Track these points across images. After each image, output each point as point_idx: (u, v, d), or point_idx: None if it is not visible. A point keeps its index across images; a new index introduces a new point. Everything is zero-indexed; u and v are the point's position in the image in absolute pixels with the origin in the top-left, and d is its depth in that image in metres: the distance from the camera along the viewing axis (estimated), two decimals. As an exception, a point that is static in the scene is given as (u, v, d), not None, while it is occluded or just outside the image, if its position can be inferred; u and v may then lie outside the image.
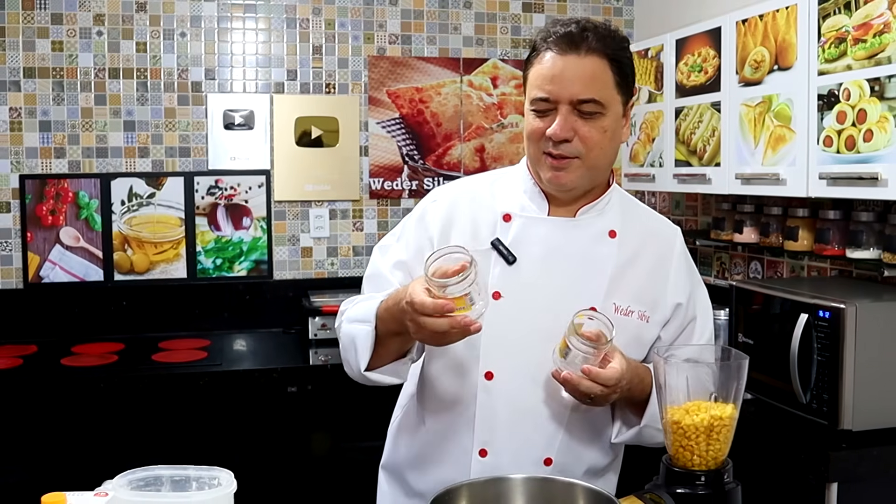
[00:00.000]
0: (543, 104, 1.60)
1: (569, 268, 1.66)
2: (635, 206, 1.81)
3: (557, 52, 1.58)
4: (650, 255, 1.72)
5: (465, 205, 1.73)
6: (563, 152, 1.59)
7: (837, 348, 2.17)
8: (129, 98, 3.66)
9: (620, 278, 1.67)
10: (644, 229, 1.75)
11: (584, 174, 1.63)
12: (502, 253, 1.66)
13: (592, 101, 1.56)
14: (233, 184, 3.76)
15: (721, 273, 3.51)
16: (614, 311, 1.65)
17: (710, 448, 1.28)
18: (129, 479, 1.18)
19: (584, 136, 1.58)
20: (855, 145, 2.25)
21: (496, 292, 1.64)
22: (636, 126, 3.41)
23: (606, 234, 1.69)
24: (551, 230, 1.68)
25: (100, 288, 3.65)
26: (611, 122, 1.60)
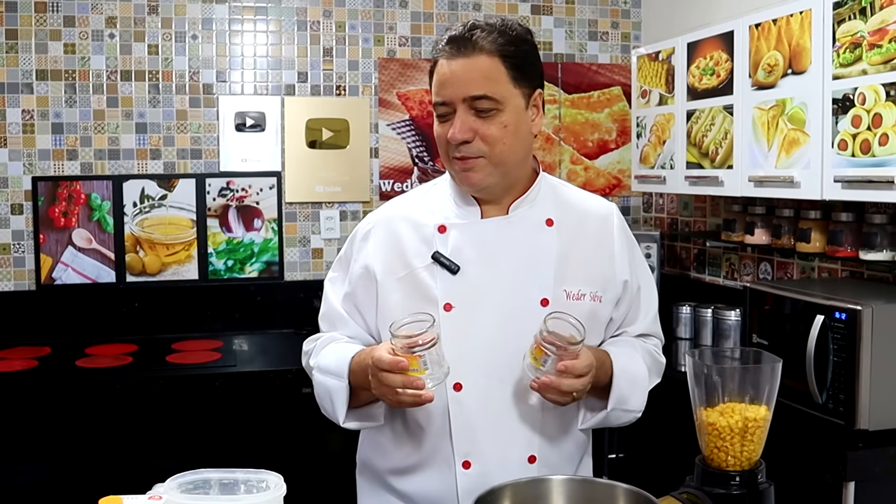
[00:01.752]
0: (442, 108, 1.62)
1: (513, 265, 1.68)
2: (567, 190, 1.81)
3: (447, 56, 1.60)
4: (590, 235, 1.74)
5: (399, 225, 1.74)
6: (466, 153, 1.61)
7: (854, 349, 2.20)
8: (140, 100, 3.67)
9: (566, 264, 1.69)
10: (580, 211, 1.76)
11: (493, 171, 1.64)
12: (444, 264, 1.67)
13: (485, 97, 1.58)
14: (244, 185, 3.78)
15: (730, 274, 3.54)
16: (566, 297, 1.67)
17: (745, 449, 1.30)
18: (178, 483, 1.20)
19: (484, 135, 1.60)
20: (870, 149, 2.28)
21: (447, 304, 1.66)
22: (646, 128, 3.44)
23: (543, 224, 1.71)
24: (487, 232, 1.69)
25: (112, 289, 3.66)
26: (511, 116, 1.61)
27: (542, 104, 1.70)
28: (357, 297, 1.75)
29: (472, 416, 1.65)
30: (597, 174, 4.13)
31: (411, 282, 1.69)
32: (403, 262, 1.71)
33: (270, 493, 1.16)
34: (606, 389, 1.66)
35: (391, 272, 1.71)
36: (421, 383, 1.49)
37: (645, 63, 3.43)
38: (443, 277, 1.67)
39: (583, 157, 4.12)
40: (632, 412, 1.72)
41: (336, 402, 1.68)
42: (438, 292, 1.67)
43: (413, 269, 1.70)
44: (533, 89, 1.66)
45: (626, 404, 1.69)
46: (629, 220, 4.18)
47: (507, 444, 1.66)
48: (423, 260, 1.69)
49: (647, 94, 3.43)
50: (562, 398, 1.55)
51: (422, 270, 1.69)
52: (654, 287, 1.87)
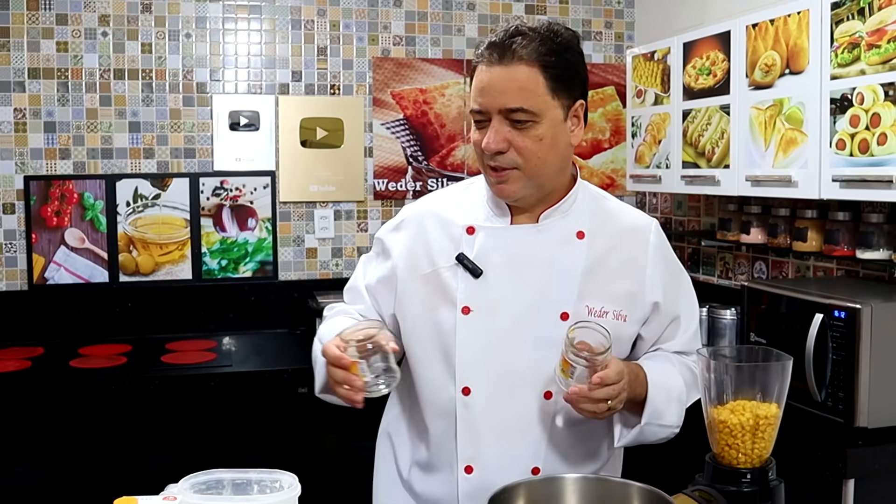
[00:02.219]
0: (479, 116, 1.59)
1: (536, 275, 1.65)
2: (605, 202, 1.77)
3: (486, 63, 1.57)
4: (623, 251, 1.69)
5: (429, 221, 1.74)
6: (500, 163, 1.58)
7: (853, 347, 2.21)
8: (134, 99, 3.65)
9: (592, 279, 1.65)
10: (616, 225, 1.72)
11: (527, 184, 1.60)
12: (467, 267, 1.65)
13: (521, 110, 1.54)
14: (238, 185, 3.77)
15: (724, 273, 3.55)
16: (588, 312, 1.64)
17: (756, 446, 1.31)
18: (191, 483, 1.19)
19: (519, 147, 1.56)
20: (869, 148, 2.29)
21: (465, 307, 1.64)
22: (641, 128, 3.44)
23: (574, 236, 1.67)
24: (515, 239, 1.67)
25: (105, 289, 3.64)
26: (547, 129, 1.57)
27: (584, 114, 1.65)
28: (376, 289, 1.79)
29: (478, 421, 1.64)
30: (590, 174, 4.14)
31: (434, 280, 1.69)
32: (429, 259, 1.70)
33: (285, 494, 1.16)
34: (642, 404, 1.62)
35: (415, 268, 1.71)
36: (359, 383, 1.49)
37: (640, 63, 3.44)
38: (465, 280, 1.66)
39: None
40: (668, 427, 1.66)
41: (316, 371, 1.70)
42: (459, 294, 1.65)
43: (437, 268, 1.69)
44: (574, 100, 1.61)
45: (661, 419, 1.64)
46: (623, 220, 4.18)
47: (511, 453, 1.64)
48: (447, 259, 1.68)
49: (642, 94, 3.44)
50: (596, 409, 1.51)
51: (445, 270, 1.68)
52: (694, 305, 1.82)
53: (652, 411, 1.61)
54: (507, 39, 1.55)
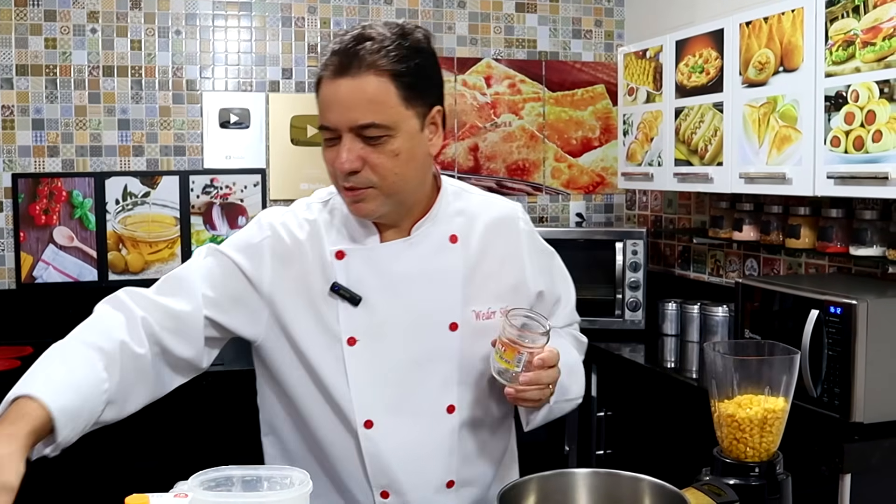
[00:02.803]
0: (328, 133, 1.46)
1: (417, 290, 1.56)
2: (469, 196, 1.68)
3: (331, 74, 1.43)
4: (498, 245, 1.64)
5: (302, 243, 1.57)
6: (355, 184, 1.46)
7: (849, 343, 2.22)
8: (123, 96, 3.63)
9: (473, 282, 1.60)
10: (485, 219, 1.64)
11: (385, 201, 1.49)
12: (344, 296, 1.54)
13: (373, 125, 1.42)
14: (228, 183, 3.75)
15: (715, 271, 3.57)
16: (476, 318, 1.58)
17: (764, 440, 1.31)
18: (201, 480, 1.18)
19: (374, 165, 1.44)
20: (864, 145, 2.30)
21: (350, 338, 1.54)
22: (633, 126, 3.45)
23: (447, 241, 1.59)
24: (388, 257, 1.56)
25: (94, 288, 3.61)
26: (403, 142, 1.45)
27: (441, 121, 1.54)
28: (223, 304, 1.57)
29: (386, 452, 1.56)
30: (580, 172, 4.14)
31: (313, 312, 1.56)
32: (306, 287, 1.56)
33: (297, 490, 1.15)
34: None
35: (296, 297, 1.56)
36: None
37: (632, 61, 3.45)
38: (344, 309, 1.55)
39: (566, 154, 4.13)
40: (574, 400, 1.69)
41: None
42: (341, 325, 1.54)
43: (313, 299, 1.56)
44: (430, 107, 1.49)
45: (567, 394, 1.64)
46: (613, 218, 4.21)
47: (424, 475, 1.58)
48: (322, 289, 1.55)
49: (633, 92, 3.45)
50: (542, 395, 1.48)
51: (321, 301, 1.55)
52: (569, 279, 1.81)
53: (559, 389, 1.57)
54: (353, 46, 1.42)
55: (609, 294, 3.53)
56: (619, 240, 3.50)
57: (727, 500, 1.23)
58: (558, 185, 4.12)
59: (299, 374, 1.59)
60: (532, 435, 1.83)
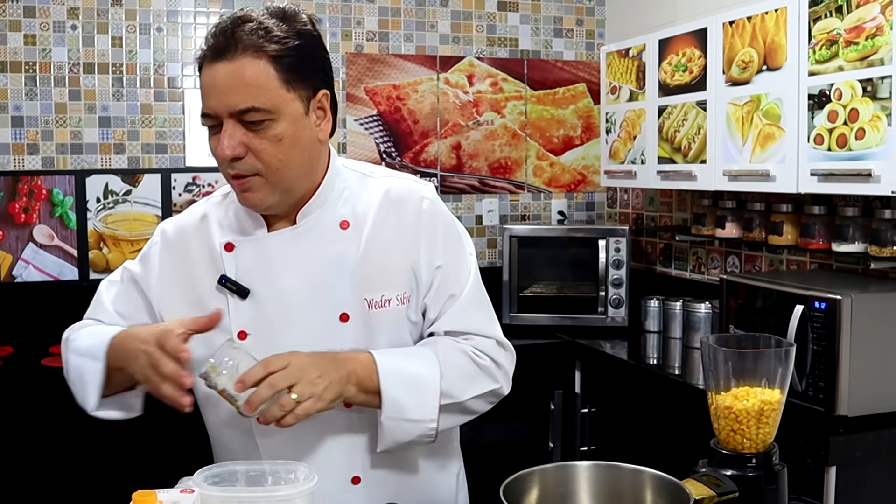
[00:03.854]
0: (210, 121, 1.42)
1: (306, 281, 1.51)
2: (371, 179, 1.60)
3: (210, 59, 1.40)
4: (394, 225, 1.55)
5: (189, 238, 1.57)
6: (240, 171, 1.42)
7: (834, 338, 2.25)
8: (104, 93, 3.60)
9: (365, 268, 1.52)
10: (385, 201, 1.56)
11: (273, 190, 1.45)
12: (232, 289, 1.50)
13: (253, 109, 1.38)
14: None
15: (697, 268, 3.60)
16: (368, 307, 1.51)
17: (760, 431, 1.33)
18: (205, 476, 1.18)
19: (257, 150, 1.40)
20: (847, 143, 2.34)
21: (241, 332, 1.50)
22: (616, 124, 3.48)
23: (337, 227, 1.53)
24: (274, 248, 1.52)
25: (75, 287, 3.58)
26: (286, 126, 1.41)
27: (329, 106, 1.50)
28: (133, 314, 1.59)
29: (282, 447, 1.49)
30: (562, 170, 4.17)
31: (198, 309, 1.50)
32: (191, 283, 1.54)
33: (302, 485, 1.15)
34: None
35: (178, 295, 1.55)
36: (190, 381, 1.34)
37: (614, 59, 3.47)
38: (234, 303, 1.50)
39: (548, 152, 4.15)
40: (422, 422, 1.48)
41: (88, 384, 1.49)
42: (231, 319, 1.50)
43: (199, 295, 1.53)
44: (314, 90, 1.46)
45: (405, 413, 1.46)
46: (594, 216, 4.23)
47: (326, 468, 1.44)
48: (210, 284, 1.52)
49: (616, 91, 3.47)
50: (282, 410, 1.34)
51: (209, 297, 1.52)
52: (475, 276, 1.62)
53: (391, 404, 1.45)
54: (230, 29, 1.39)
55: (592, 291, 3.55)
56: (602, 237, 3.52)
57: (727, 490, 1.24)
58: (540, 184, 4.14)
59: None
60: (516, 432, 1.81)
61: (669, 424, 2.76)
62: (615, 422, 3.12)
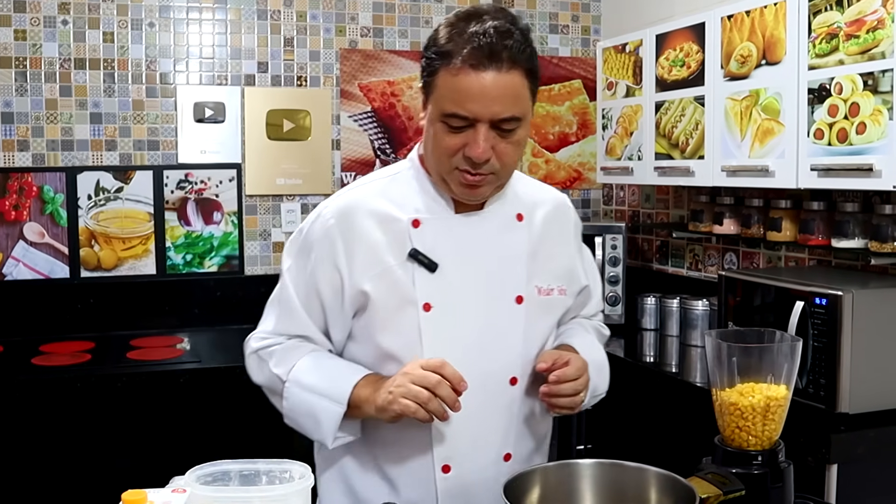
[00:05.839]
0: (460, 121, 1.48)
1: (488, 262, 1.63)
2: (525, 182, 1.76)
3: (475, 66, 1.44)
4: (554, 228, 1.73)
5: (364, 217, 1.61)
6: (481, 171, 1.51)
7: (835, 334, 2.23)
8: (95, 89, 3.56)
9: (535, 260, 1.67)
10: (541, 204, 1.73)
11: (497, 185, 1.59)
12: (422, 262, 1.59)
13: (513, 118, 1.48)
14: (203, 178, 3.69)
15: (694, 265, 3.57)
16: (538, 293, 1.66)
17: (766, 428, 1.30)
18: (197, 475, 1.15)
19: (501, 153, 1.50)
20: (847, 138, 2.31)
21: (426, 304, 1.58)
22: (612, 120, 3.45)
23: (514, 220, 1.67)
24: (464, 227, 1.62)
25: (66, 285, 3.55)
26: (524, 131, 1.53)
27: None
28: (324, 299, 1.63)
29: (452, 419, 1.56)
30: (557, 167, 4.14)
31: (389, 280, 1.59)
32: (376, 258, 1.60)
33: (298, 484, 1.12)
34: None
35: (363, 271, 1.60)
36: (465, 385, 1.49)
37: (611, 55, 3.44)
38: (420, 275, 1.59)
39: (544, 150, 4.12)
40: (600, 396, 1.77)
41: (325, 424, 1.60)
42: (417, 291, 1.59)
43: (388, 267, 1.60)
44: (536, 97, 1.57)
45: (596, 391, 1.72)
46: (590, 213, 4.20)
47: (485, 446, 1.63)
48: (397, 257, 1.59)
49: (613, 87, 3.44)
50: (571, 402, 1.57)
51: (397, 268, 1.60)
52: (596, 269, 1.92)
53: (592, 388, 1.66)
54: (498, 41, 1.44)
55: (588, 289, 3.51)
56: (598, 234, 3.49)
57: (733, 488, 1.21)
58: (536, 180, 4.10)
59: (374, 342, 1.62)
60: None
61: (667, 422, 2.73)
62: (612, 420, 3.10)
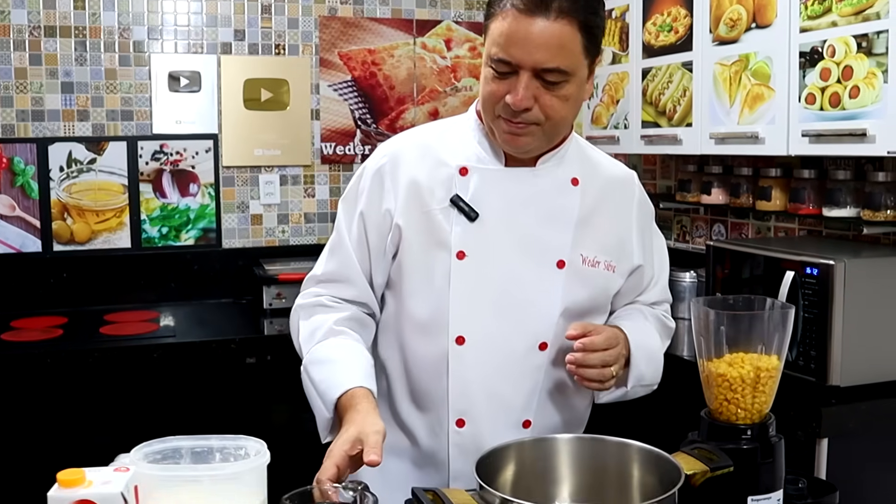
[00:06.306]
0: (503, 66, 1.47)
1: (533, 220, 1.59)
2: (592, 152, 1.73)
3: (524, 10, 1.43)
4: (612, 202, 1.67)
5: (415, 160, 1.62)
6: (522, 120, 1.49)
7: (826, 305, 2.16)
8: (66, 58, 3.45)
9: (585, 228, 1.62)
10: (604, 176, 1.68)
11: (542, 139, 1.54)
12: (463, 210, 1.57)
13: (557, 70, 1.45)
14: (178, 149, 3.59)
15: (682, 236, 3.50)
16: (582, 262, 1.61)
17: (756, 401, 1.23)
18: (145, 453, 1.07)
19: (545, 105, 1.48)
20: (840, 102, 2.23)
21: (460, 252, 1.56)
22: (598, 88, 3.36)
23: (569, 183, 1.62)
24: (511, 182, 1.59)
25: (38, 259, 3.45)
26: (574, 88, 1.49)
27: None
28: (370, 240, 1.63)
29: (470, 372, 1.56)
30: (543, 138, 4.05)
31: (426, 223, 1.59)
32: (420, 200, 1.59)
33: (253, 461, 1.04)
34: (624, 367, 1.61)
35: (406, 211, 1.59)
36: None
37: (597, 21, 3.35)
38: (459, 223, 1.57)
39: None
40: (650, 386, 1.68)
41: (319, 422, 1.57)
42: (453, 238, 1.56)
43: (429, 210, 1.58)
44: (596, 57, 1.53)
45: (643, 380, 1.64)
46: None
47: (503, 406, 1.59)
48: (440, 201, 1.58)
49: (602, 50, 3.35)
50: (601, 375, 1.51)
51: (438, 213, 1.58)
52: (666, 256, 1.83)
53: (637, 375, 1.61)
54: None
55: (574, 262, 3.44)
56: (585, 206, 3.41)
57: (720, 464, 1.14)
58: (521, 152, 4.02)
59: (405, 284, 1.61)
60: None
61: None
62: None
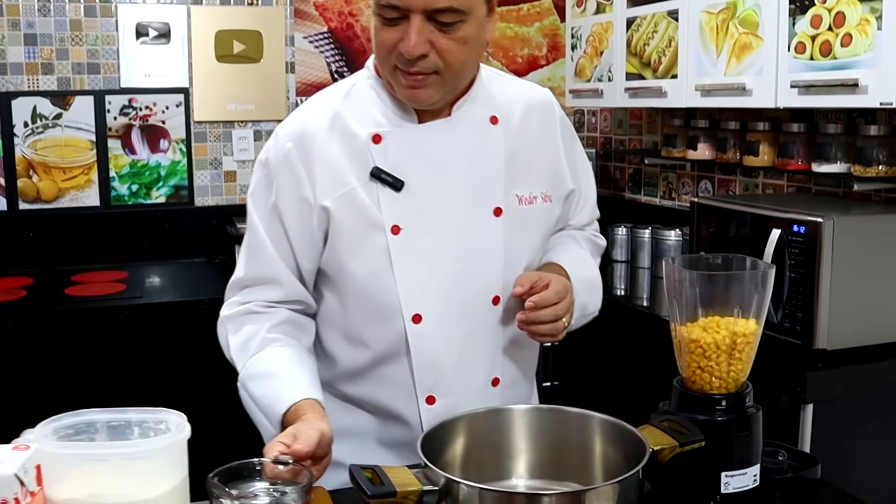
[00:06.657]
0: (391, 11, 1.35)
1: (461, 173, 1.49)
2: (503, 81, 1.62)
3: None
4: (534, 129, 1.57)
5: (324, 137, 1.47)
6: (420, 69, 1.38)
7: (813, 264, 2.06)
8: (28, 8, 3.30)
9: (514, 165, 1.53)
10: (521, 104, 1.58)
11: (444, 88, 1.43)
12: (386, 181, 1.46)
13: (451, 9, 1.33)
14: (148, 103, 3.46)
15: (668, 194, 3.39)
16: (518, 202, 1.53)
17: (732, 368, 1.13)
18: (54, 427, 0.97)
19: (442, 50, 1.37)
20: (831, 51, 2.12)
21: (394, 226, 1.46)
22: (582, 39, 3.23)
23: (488, 122, 1.52)
24: (429, 138, 1.49)
25: (3, 218, 3.34)
26: (472, 28, 1.38)
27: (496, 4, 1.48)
28: (290, 232, 1.49)
29: (434, 348, 1.48)
30: (527, 93, 3.92)
31: (351, 203, 1.46)
32: (337, 180, 1.46)
33: (170, 437, 0.94)
34: None
35: (327, 193, 1.46)
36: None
37: (581, -31, 3.21)
38: (385, 196, 1.46)
39: (512, 73, 3.89)
40: (592, 314, 1.64)
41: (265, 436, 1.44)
42: (383, 213, 1.46)
43: (350, 189, 1.46)
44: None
45: (586, 310, 1.59)
46: (561, 141, 4.00)
47: (472, 371, 1.52)
48: (359, 177, 1.46)
49: (582, 3, 3.22)
50: (553, 329, 1.43)
51: (360, 190, 1.46)
52: (591, 172, 1.74)
53: (580, 306, 1.55)
54: None
55: (557, 220, 3.34)
56: (568, 162, 3.29)
57: (691, 439, 1.04)
58: (504, 107, 3.89)
59: (343, 272, 1.50)
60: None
61: (637, 360, 2.58)
62: (581, 356, 2.94)
